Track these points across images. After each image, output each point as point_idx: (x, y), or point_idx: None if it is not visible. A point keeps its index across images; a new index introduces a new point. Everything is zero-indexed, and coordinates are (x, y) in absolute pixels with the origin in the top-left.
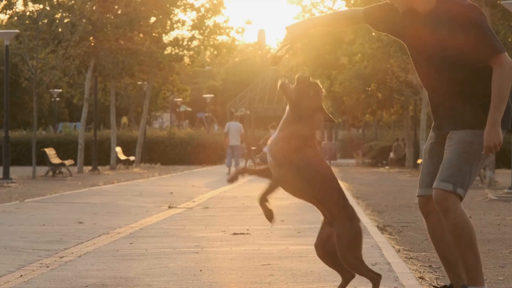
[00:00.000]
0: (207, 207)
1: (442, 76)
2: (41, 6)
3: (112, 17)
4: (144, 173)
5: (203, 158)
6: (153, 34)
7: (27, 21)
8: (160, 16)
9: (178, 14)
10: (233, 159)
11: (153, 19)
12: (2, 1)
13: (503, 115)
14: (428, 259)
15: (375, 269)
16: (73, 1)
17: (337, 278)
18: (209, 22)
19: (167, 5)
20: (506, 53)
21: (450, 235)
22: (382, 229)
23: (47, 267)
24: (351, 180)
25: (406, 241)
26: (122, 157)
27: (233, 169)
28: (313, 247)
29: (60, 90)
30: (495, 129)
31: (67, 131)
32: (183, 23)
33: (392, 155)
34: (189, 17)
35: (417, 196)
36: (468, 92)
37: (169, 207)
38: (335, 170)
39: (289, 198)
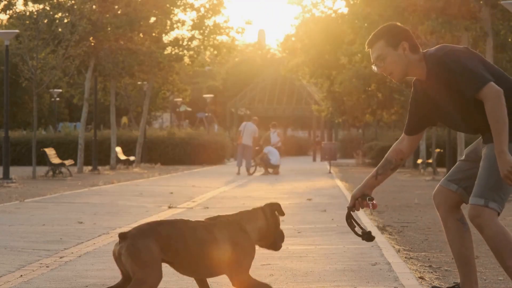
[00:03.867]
0: (207, 207)
1: (464, 118)
2: (41, 6)
3: (112, 17)
4: (144, 173)
5: (203, 158)
6: (153, 34)
7: (27, 21)
8: (160, 16)
9: (178, 14)
10: (244, 159)
11: (153, 19)
12: (2, 1)
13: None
14: (428, 259)
15: (375, 269)
16: (73, 1)
17: (337, 278)
18: (209, 22)
19: (167, 5)
20: (489, 84)
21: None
22: (382, 229)
23: (47, 267)
24: (351, 180)
25: (406, 241)
26: (122, 157)
27: (243, 169)
28: (313, 247)
29: (60, 90)
30: (502, 158)
31: (67, 131)
32: (183, 23)
33: None
34: (189, 17)
35: (439, 184)
36: (485, 119)
37: (169, 207)
38: (335, 170)
39: (289, 198)
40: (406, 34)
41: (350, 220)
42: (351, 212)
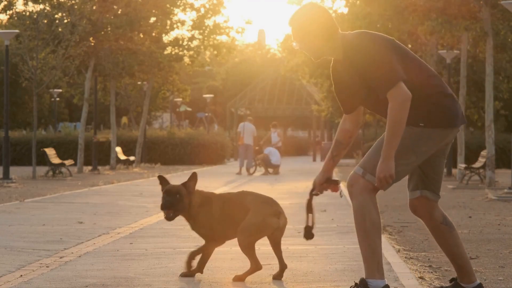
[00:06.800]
0: None
1: (374, 107)
2: (41, 6)
3: (112, 17)
4: (144, 173)
5: (203, 158)
6: (153, 34)
7: (27, 21)
8: (160, 16)
9: (178, 14)
10: (246, 159)
11: (153, 19)
12: (2, 1)
13: (445, 112)
14: (428, 259)
15: None
16: (73, 1)
17: (338, 278)
18: (209, 22)
19: (167, 5)
20: (398, 84)
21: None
22: (382, 229)
23: (47, 267)
24: None
25: (406, 241)
26: (122, 157)
27: (244, 169)
28: (313, 247)
29: (60, 90)
30: (386, 162)
31: (67, 131)
32: (183, 23)
33: None
34: (189, 17)
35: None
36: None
37: None
38: (335, 170)
39: (289, 198)
40: (315, 26)
41: (311, 207)
42: (312, 198)
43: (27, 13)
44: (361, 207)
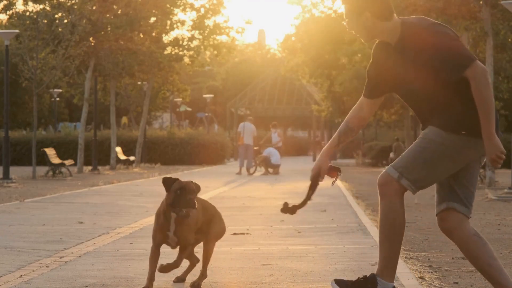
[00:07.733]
0: None
1: (418, 99)
2: (41, 6)
3: (112, 17)
4: (144, 173)
5: (203, 158)
6: (153, 34)
7: (27, 21)
8: (160, 16)
9: (178, 14)
10: (246, 159)
11: (153, 19)
12: (2, 1)
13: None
14: (428, 259)
15: (374, 269)
16: (73, 1)
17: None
18: (209, 22)
19: (167, 5)
20: (475, 61)
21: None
22: None
23: (47, 267)
24: (351, 180)
25: (406, 241)
26: (122, 157)
27: (244, 169)
28: (313, 247)
29: (60, 90)
30: (492, 141)
31: (67, 131)
32: (183, 23)
33: (392, 155)
34: (189, 17)
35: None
36: (441, 104)
37: None
38: None
39: (289, 198)
40: (371, 3)
41: (313, 191)
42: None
43: (27, 13)
44: (391, 210)
